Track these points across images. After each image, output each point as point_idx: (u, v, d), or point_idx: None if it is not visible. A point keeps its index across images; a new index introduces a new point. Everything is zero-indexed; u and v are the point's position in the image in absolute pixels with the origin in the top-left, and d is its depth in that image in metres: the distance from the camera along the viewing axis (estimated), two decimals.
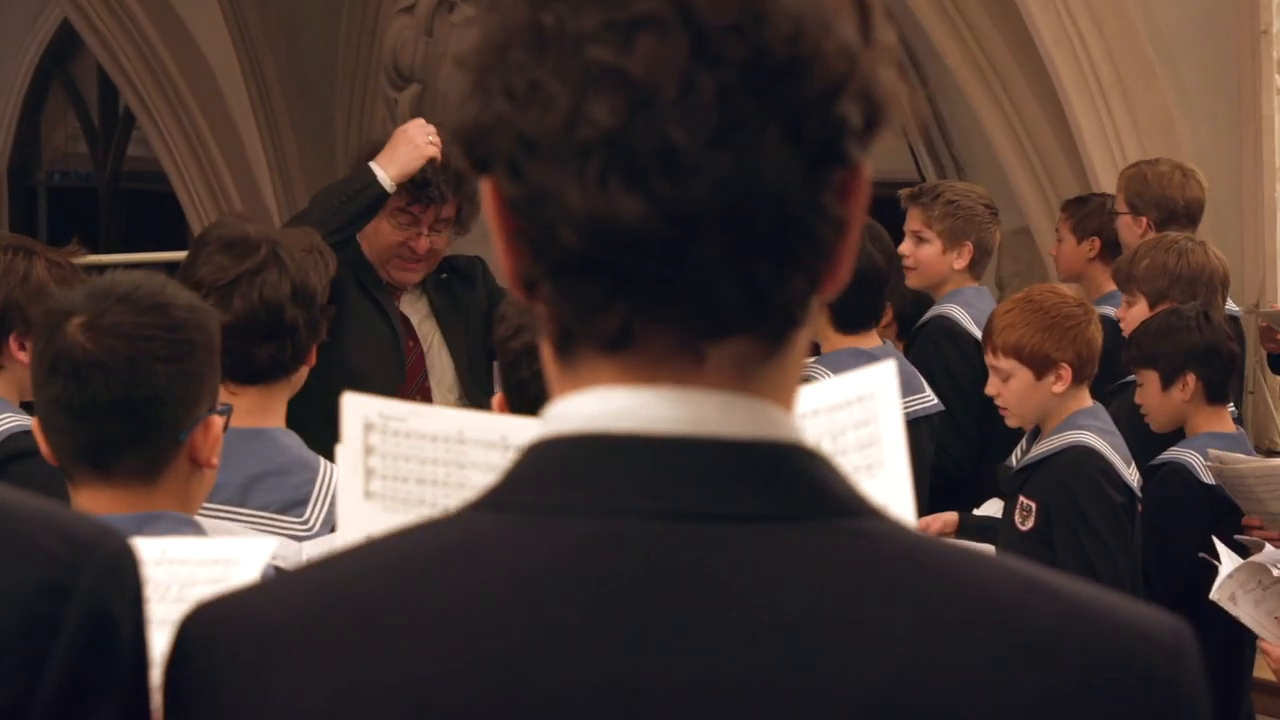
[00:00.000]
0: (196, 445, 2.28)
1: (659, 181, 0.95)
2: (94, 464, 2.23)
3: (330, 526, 2.60)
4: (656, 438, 0.99)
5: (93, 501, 2.23)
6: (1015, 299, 4.17)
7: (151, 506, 2.23)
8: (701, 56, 0.95)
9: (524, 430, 1.83)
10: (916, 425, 4.50)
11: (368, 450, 1.79)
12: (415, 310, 4.61)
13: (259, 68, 10.00)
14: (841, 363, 4.27)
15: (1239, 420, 4.81)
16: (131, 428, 2.23)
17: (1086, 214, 5.64)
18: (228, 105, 10.11)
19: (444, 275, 4.62)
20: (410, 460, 1.78)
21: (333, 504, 2.73)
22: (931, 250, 5.14)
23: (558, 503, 1.00)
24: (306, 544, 2.30)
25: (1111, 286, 5.26)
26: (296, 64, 10.10)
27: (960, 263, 5.10)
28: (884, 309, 4.59)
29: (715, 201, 0.96)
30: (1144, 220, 5.47)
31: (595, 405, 1.01)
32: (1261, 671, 4.42)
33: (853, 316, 4.35)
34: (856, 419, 1.70)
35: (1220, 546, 3.62)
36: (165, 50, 10.04)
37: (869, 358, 4.41)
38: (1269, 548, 3.72)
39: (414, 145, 4.32)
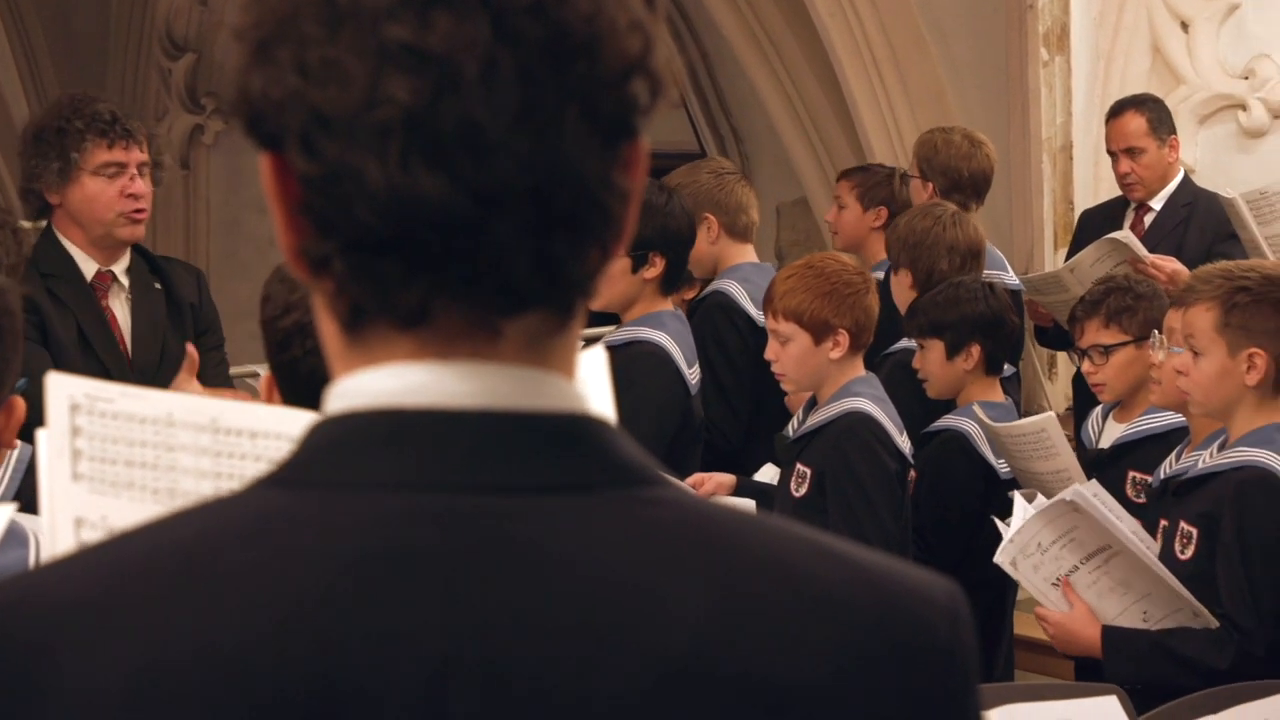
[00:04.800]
0: None
1: (463, 161, 0.95)
2: None
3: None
4: (453, 412, 0.99)
5: None
6: (796, 265, 4.24)
7: None
8: (502, 35, 0.95)
9: (235, 414, 1.81)
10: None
11: (74, 431, 1.75)
12: (122, 312, 4.41)
13: (26, 35, 9.75)
14: (663, 323, 4.33)
15: (1017, 378, 4.94)
16: None
17: (875, 183, 5.70)
18: None
19: (157, 285, 4.44)
20: (119, 442, 1.75)
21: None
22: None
23: (355, 478, 0.99)
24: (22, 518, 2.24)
25: (884, 255, 5.37)
26: (65, 31, 9.86)
27: (710, 237, 4.99)
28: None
29: (518, 180, 0.96)
30: (930, 186, 5.59)
31: (390, 381, 1.00)
32: (1023, 629, 4.57)
33: (678, 278, 4.40)
34: None
35: (1018, 503, 3.70)
36: None
37: (679, 319, 4.46)
38: (1040, 497, 3.83)
39: None
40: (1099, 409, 4.48)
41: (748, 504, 4.13)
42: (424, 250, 0.97)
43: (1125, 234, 5.55)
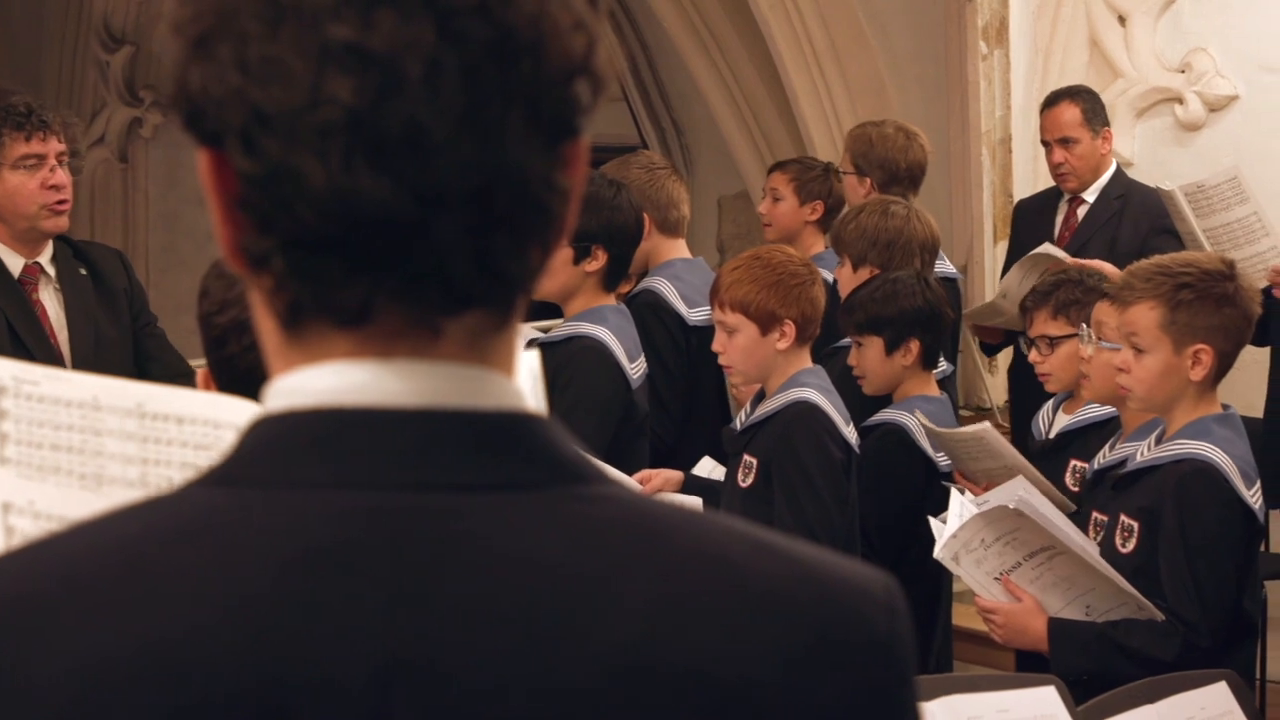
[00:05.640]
0: None
1: (406, 162, 0.95)
2: None
3: None
4: (394, 411, 0.99)
5: None
6: (742, 257, 4.26)
7: None
8: (446, 36, 0.95)
9: (161, 400, 1.80)
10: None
11: (0, 415, 1.73)
12: (52, 303, 4.40)
13: None
14: (604, 318, 4.33)
15: (954, 377, 4.94)
16: None
17: (812, 177, 5.70)
18: None
19: (83, 271, 4.41)
20: (45, 426, 1.73)
21: None
22: None
23: (297, 476, 0.99)
24: None
25: (819, 248, 5.38)
26: (1, 23, 9.78)
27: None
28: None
29: (461, 181, 0.96)
30: (868, 181, 5.59)
31: (330, 380, 1.00)
32: (963, 620, 4.60)
33: (621, 273, 4.39)
34: None
35: (954, 498, 3.71)
36: None
37: (621, 313, 4.46)
38: (969, 495, 3.86)
39: None
40: (1050, 401, 4.51)
41: (694, 502, 4.13)
42: (365, 250, 0.97)
43: (1046, 246, 5.56)
